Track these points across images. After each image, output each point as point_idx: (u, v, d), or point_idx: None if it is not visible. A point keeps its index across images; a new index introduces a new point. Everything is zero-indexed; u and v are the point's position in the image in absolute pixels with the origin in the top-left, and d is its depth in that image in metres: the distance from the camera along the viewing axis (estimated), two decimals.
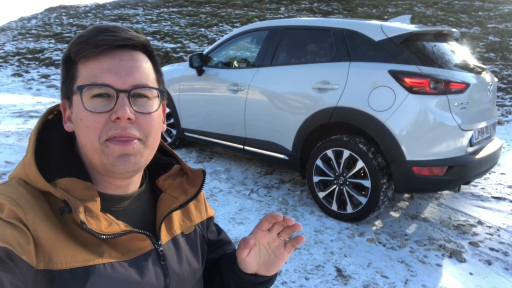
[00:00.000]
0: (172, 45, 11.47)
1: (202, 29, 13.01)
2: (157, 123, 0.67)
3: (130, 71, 0.63)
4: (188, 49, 11.03)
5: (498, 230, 2.79)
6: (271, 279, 0.81)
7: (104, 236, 0.61)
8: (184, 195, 0.75)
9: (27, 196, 0.60)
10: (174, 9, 15.82)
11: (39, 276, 0.56)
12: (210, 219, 0.87)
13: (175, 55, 10.60)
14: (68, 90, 0.65)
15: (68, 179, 0.63)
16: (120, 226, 0.64)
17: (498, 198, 3.36)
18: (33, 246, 0.56)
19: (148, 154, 0.66)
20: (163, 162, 0.80)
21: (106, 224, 0.63)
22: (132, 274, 0.64)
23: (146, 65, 0.66)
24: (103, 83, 0.61)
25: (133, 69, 0.63)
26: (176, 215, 0.77)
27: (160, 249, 0.70)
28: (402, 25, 2.96)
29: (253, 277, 0.77)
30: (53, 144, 0.67)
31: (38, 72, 10.16)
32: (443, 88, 2.54)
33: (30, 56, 11.26)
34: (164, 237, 0.72)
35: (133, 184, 0.71)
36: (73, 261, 0.58)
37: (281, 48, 3.36)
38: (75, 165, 0.66)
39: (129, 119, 0.61)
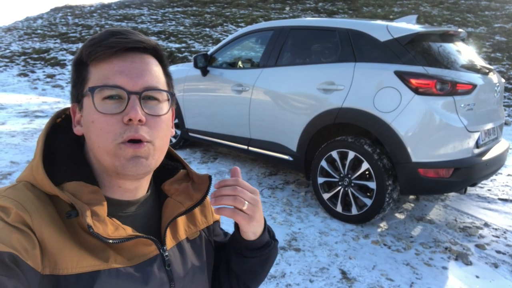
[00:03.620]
0: (177, 45, 11.50)
1: (207, 29, 13.03)
2: (166, 127, 0.67)
3: (141, 74, 0.63)
4: (193, 49, 11.05)
5: (505, 232, 2.76)
6: (265, 243, 0.78)
7: (111, 241, 0.61)
8: (189, 200, 0.75)
9: (33, 200, 0.59)
10: (179, 9, 15.86)
11: (45, 281, 0.56)
12: (216, 222, 0.87)
13: (180, 55, 10.62)
14: (78, 92, 0.65)
15: (75, 183, 0.63)
16: (126, 231, 0.64)
17: (505, 200, 3.33)
18: (39, 251, 0.56)
19: (158, 157, 0.66)
20: (169, 166, 0.80)
21: (112, 229, 0.63)
22: (137, 279, 0.64)
23: (156, 69, 0.66)
24: (115, 84, 0.61)
25: (144, 72, 0.63)
26: (181, 221, 0.76)
27: (165, 254, 0.69)
28: (408, 26, 2.94)
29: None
30: (61, 147, 0.67)
31: (44, 72, 10.23)
32: (450, 89, 2.52)
33: (35, 56, 11.34)
34: (169, 242, 0.72)
35: (142, 189, 0.71)
36: (79, 266, 0.58)
37: (286, 48, 3.35)
38: (83, 169, 0.66)
39: (140, 120, 0.61)
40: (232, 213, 0.70)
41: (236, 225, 0.78)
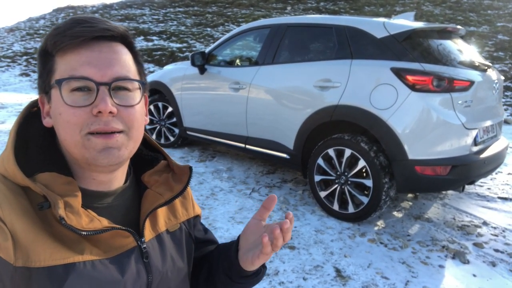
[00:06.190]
0: (178, 45, 11.52)
1: (208, 29, 13.04)
2: (140, 116, 0.65)
3: (110, 63, 0.61)
4: (194, 49, 11.06)
5: (503, 231, 2.74)
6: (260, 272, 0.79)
7: (85, 232, 0.59)
8: (169, 192, 0.74)
9: (5, 191, 0.58)
10: (181, 9, 15.88)
11: (17, 273, 0.55)
12: (197, 217, 0.85)
13: (181, 55, 10.64)
14: (45, 84, 0.64)
15: (48, 174, 0.62)
16: (102, 222, 0.63)
17: (505, 199, 3.30)
18: (11, 242, 0.55)
19: (132, 147, 0.65)
20: (149, 157, 0.78)
21: (87, 220, 0.61)
22: (113, 272, 0.63)
23: (126, 57, 0.64)
24: (82, 76, 0.59)
25: (113, 61, 0.61)
26: (161, 212, 0.75)
27: (144, 246, 0.68)
28: (405, 22, 2.92)
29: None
30: (34, 138, 0.66)
31: None
32: (447, 85, 2.50)
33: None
34: (148, 234, 0.70)
35: (117, 180, 0.69)
36: (52, 258, 0.57)
37: (283, 46, 3.33)
38: (57, 160, 0.64)
39: (111, 112, 0.59)
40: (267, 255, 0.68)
41: (236, 250, 0.76)
